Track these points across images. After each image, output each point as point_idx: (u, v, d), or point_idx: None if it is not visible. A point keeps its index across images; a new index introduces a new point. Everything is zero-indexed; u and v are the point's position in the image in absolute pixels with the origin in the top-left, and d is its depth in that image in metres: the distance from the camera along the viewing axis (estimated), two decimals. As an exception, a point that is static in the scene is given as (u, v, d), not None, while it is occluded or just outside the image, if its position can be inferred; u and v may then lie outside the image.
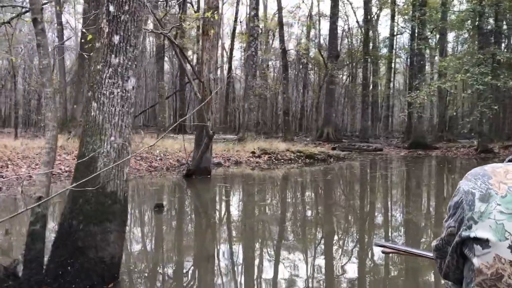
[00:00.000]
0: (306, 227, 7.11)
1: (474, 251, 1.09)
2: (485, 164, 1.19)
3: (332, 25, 31.43)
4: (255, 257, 5.27)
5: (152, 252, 5.46)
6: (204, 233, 6.46)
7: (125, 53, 3.74)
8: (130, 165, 12.86)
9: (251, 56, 21.60)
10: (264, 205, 9.05)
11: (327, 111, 31.92)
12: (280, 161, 16.59)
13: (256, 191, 10.82)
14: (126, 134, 3.84)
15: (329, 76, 30.95)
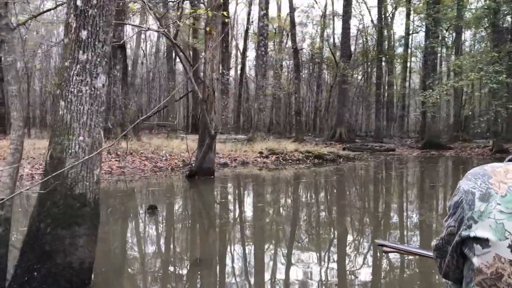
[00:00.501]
0: (304, 229, 6.91)
1: (474, 250, 1.09)
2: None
3: (345, 24, 31.10)
4: (249, 264, 5.08)
5: (133, 257, 5.29)
6: (193, 237, 6.27)
7: (93, 49, 3.58)
8: (135, 165, 12.85)
9: (260, 55, 21.42)
10: (262, 207, 8.85)
11: (339, 111, 31.58)
12: (288, 162, 16.36)
13: (257, 192, 10.64)
14: (95, 134, 3.68)
15: (342, 76, 30.62)
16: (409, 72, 45.34)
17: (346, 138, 30.45)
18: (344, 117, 31.68)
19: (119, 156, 13.62)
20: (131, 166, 12.98)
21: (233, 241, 6.02)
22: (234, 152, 16.47)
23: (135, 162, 13.37)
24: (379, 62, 35.03)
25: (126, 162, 13.21)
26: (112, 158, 13.42)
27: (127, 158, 13.60)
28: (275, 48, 43.31)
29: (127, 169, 12.72)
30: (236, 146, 17.81)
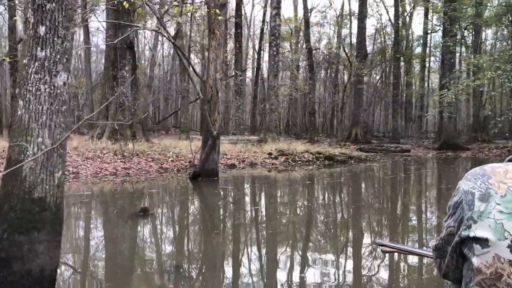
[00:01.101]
0: (302, 234, 6.66)
1: (474, 250, 1.09)
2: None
3: (360, 24, 30.69)
4: (240, 273, 4.87)
5: (112, 262, 5.10)
6: (180, 243, 6.05)
7: (52, 46, 3.40)
8: (141, 166, 12.73)
9: (272, 55, 21.18)
10: (259, 211, 8.63)
11: (355, 112, 31.16)
12: (297, 163, 16.09)
13: (259, 195, 10.41)
14: (56, 135, 3.50)
15: (357, 76, 30.20)
16: (428, 72, 44.60)
17: (362, 139, 30.03)
18: (359, 117, 31.25)
19: (125, 157, 13.53)
20: (137, 167, 12.87)
21: (220, 249, 5.81)
22: (243, 153, 16.26)
23: (141, 163, 13.26)
24: (396, 62, 34.48)
25: (132, 163, 13.10)
26: (118, 159, 13.34)
27: (133, 159, 13.50)
28: (291, 49, 43.04)
29: (132, 170, 12.61)
30: (246, 147, 17.60)
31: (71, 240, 5.94)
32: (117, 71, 16.63)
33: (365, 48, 31.46)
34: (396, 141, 31.72)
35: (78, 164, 12.32)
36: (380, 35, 43.03)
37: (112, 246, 5.69)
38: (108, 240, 6.00)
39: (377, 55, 39.70)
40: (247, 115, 45.58)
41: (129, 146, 14.48)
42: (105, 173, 12.00)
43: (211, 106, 11.32)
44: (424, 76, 41.41)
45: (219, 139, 11.49)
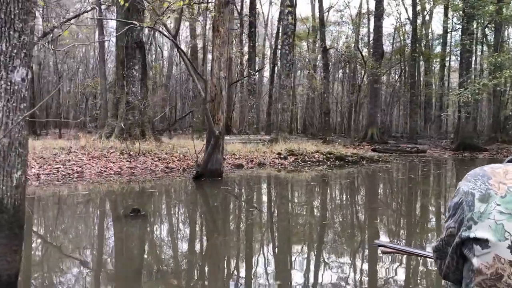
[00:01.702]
0: (298, 235, 6.43)
1: (474, 251, 1.09)
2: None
3: (377, 22, 30.24)
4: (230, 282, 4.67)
5: (88, 266, 4.92)
6: (167, 246, 5.86)
7: (8, 39, 3.24)
8: (146, 166, 12.62)
9: (284, 54, 20.91)
10: (258, 215, 8.41)
11: (371, 111, 30.70)
12: (306, 163, 15.82)
13: (261, 196, 10.19)
14: (14, 133, 3.34)
15: (373, 75, 29.74)
16: (448, 71, 43.79)
17: (378, 139, 29.58)
18: (376, 117, 30.79)
19: (131, 157, 13.44)
20: (142, 167, 12.77)
21: (207, 254, 5.61)
22: (252, 153, 16.04)
23: (147, 163, 13.15)
24: (413, 61, 33.88)
25: (137, 163, 13.01)
26: (123, 158, 13.25)
27: (139, 158, 13.40)
28: (308, 48, 42.71)
29: (137, 169, 12.51)
30: (256, 147, 17.37)
31: (47, 243, 5.81)
32: (126, 70, 16.57)
33: (382, 47, 30.96)
34: (414, 142, 31.16)
35: (83, 164, 12.27)
36: (399, 34, 42.40)
37: (91, 250, 5.53)
38: (88, 243, 5.85)
39: (395, 54, 39.07)
40: (264, 115, 45.38)
41: (136, 145, 14.39)
42: (109, 173, 11.92)
43: (214, 105, 11.14)
44: (443, 75, 40.65)
45: (222, 138, 11.30)
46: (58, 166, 11.68)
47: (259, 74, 46.09)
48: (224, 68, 11.14)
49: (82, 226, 6.70)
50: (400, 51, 39.96)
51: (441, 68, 40.95)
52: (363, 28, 41.15)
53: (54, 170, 11.41)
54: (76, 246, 5.58)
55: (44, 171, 11.21)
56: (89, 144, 14.46)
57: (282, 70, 21.33)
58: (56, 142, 15.06)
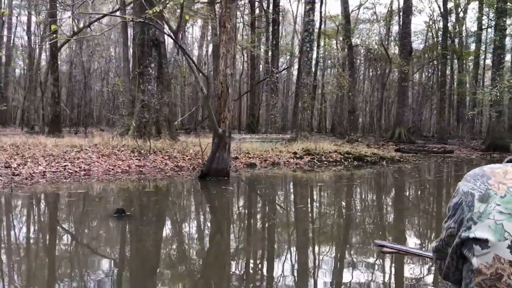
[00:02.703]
0: (290, 238, 6.10)
1: (474, 251, 1.09)
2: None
3: (405, 19, 29.47)
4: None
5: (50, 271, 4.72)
6: (147, 250, 5.60)
7: None
8: (156, 164, 12.48)
9: (305, 52, 20.51)
10: (252, 215, 8.10)
11: (398, 110, 29.98)
12: (323, 163, 15.41)
13: (265, 198, 9.87)
14: None
15: (401, 73, 29.00)
16: (483, 70, 42.38)
17: (406, 139, 28.85)
18: (403, 116, 30.05)
19: (142, 155, 13.35)
20: (151, 165, 12.64)
21: (184, 258, 5.35)
22: (267, 152, 15.73)
23: (156, 161, 13.02)
24: (443, 59, 32.88)
25: (147, 161, 12.89)
26: (133, 156, 13.17)
27: (149, 157, 13.29)
28: (337, 46, 42.06)
29: (146, 168, 12.38)
30: (272, 146, 17.04)
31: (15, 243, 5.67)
32: (142, 68, 16.53)
33: (410, 45, 30.14)
34: (443, 142, 30.27)
35: (91, 161, 12.23)
36: (432, 31, 41.27)
37: (62, 252, 5.36)
38: (61, 244, 5.68)
39: (426, 52, 38.02)
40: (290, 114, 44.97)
41: (148, 144, 14.32)
42: (117, 171, 11.83)
43: (221, 102, 10.90)
44: (477, 74, 39.31)
45: (228, 137, 11.03)
46: (65, 164, 11.66)
47: (288, 72, 45.71)
48: (231, 65, 10.87)
49: (63, 225, 6.55)
50: (432, 48, 38.90)
51: (474, 66, 39.64)
52: (394, 26, 40.30)
53: (61, 167, 11.40)
54: (47, 247, 5.42)
55: (51, 169, 11.20)
56: (103, 142, 14.46)
57: (302, 67, 20.93)
58: (69, 139, 15.13)
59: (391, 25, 40.26)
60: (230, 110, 11.00)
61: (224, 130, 10.60)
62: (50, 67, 24.99)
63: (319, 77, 46.91)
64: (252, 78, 34.48)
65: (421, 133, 40.61)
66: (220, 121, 10.90)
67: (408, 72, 29.31)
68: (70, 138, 16.86)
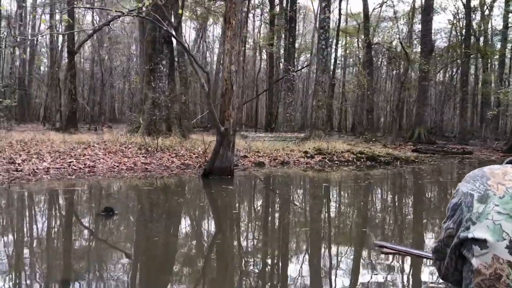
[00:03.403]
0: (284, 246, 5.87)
1: (473, 251, 1.10)
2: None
3: (426, 17, 28.81)
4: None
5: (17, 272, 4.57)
6: (128, 251, 5.44)
7: None
8: (162, 162, 12.36)
9: (320, 49, 20.16)
10: (247, 216, 7.88)
11: (418, 110, 29.36)
12: (334, 163, 15.09)
13: (263, 198, 9.65)
14: None
15: (421, 72, 28.38)
16: (510, 68, 41.25)
17: (426, 139, 28.23)
18: (423, 116, 29.42)
19: (149, 152, 13.25)
20: (157, 163, 12.53)
21: (159, 259, 5.16)
22: (277, 151, 15.49)
23: (163, 159, 12.90)
24: (466, 58, 32.08)
25: (153, 159, 12.79)
26: (140, 154, 13.08)
27: (156, 154, 13.19)
28: (358, 45, 41.49)
29: (152, 165, 12.27)
30: (284, 145, 16.78)
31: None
32: (154, 65, 16.45)
33: (431, 43, 29.47)
34: (465, 143, 29.55)
35: (97, 158, 12.17)
36: (456, 29, 40.37)
37: (36, 250, 5.23)
38: (40, 243, 5.55)
39: (447, 50, 37.19)
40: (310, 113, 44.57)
41: (155, 141, 14.24)
42: (121, 168, 11.75)
43: (225, 100, 10.71)
44: (503, 73, 38.28)
45: (233, 135, 10.82)
46: (70, 161, 11.63)
47: (308, 71, 45.28)
48: (236, 62, 10.66)
49: (48, 223, 6.43)
50: (454, 47, 38.03)
51: (500, 65, 38.61)
52: (417, 25, 39.47)
53: (65, 164, 11.36)
54: (24, 244, 5.30)
55: (55, 165, 11.17)
56: (112, 139, 14.43)
57: (318, 65, 20.59)
58: (78, 136, 15.14)
59: (414, 23, 39.54)
60: (234, 107, 10.80)
61: (227, 128, 10.40)
62: (66, 64, 25.18)
63: (339, 76, 46.45)
64: (270, 77, 34.22)
65: (443, 134, 39.79)
66: (224, 119, 10.72)
67: (429, 71, 28.64)
68: (81, 135, 16.85)
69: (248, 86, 40.65)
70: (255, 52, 42.17)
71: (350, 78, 43.69)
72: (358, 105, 43.08)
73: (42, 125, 31.80)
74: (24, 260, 4.68)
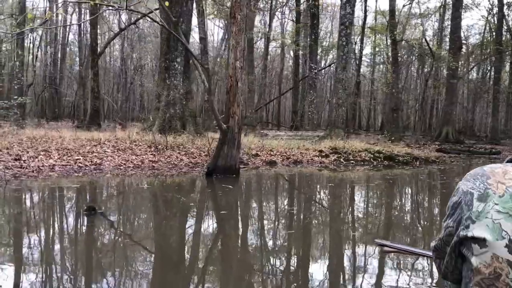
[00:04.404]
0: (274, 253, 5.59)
1: (472, 250, 1.09)
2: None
3: (455, 13, 27.88)
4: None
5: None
6: (108, 252, 5.24)
7: None
8: (170, 160, 12.21)
9: (341, 46, 19.69)
10: (239, 219, 7.60)
11: (446, 109, 28.47)
12: (349, 162, 14.66)
13: (264, 199, 9.35)
14: None
15: (449, 70, 27.50)
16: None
17: (454, 139, 27.35)
18: (452, 115, 28.47)
19: (158, 150, 13.13)
20: (165, 161, 12.39)
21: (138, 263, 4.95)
22: (291, 150, 15.15)
23: (172, 157, 12.75)
24: (498, 55, 30.94)
25: (162, 157, 12.66)
26: (149, 151, 12.97)
27: (166, 152, 13.06)
28: (387, 43, 40.63)
29: (160, 163, 12.14)
30: (300, 144, 16.40)
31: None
32: (169, 62, 16.35)
33: (460, 40, 28.55)
34: (496, 142, 28.55)
35: (105, 156, 12.12)
36: (490, 25, 39.04)
37: (14, 247, 5.09)
38: (17, 240, 5.41)
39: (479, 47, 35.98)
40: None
41: (170, 139, 14.13)
42: (128, 166, 11.65)
43: (230, 97, 10.46)
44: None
45: (237, 133, 10.57)
46: (77, 158, 11.59)
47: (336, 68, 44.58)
48: (241, 58, 10.40)
49: (26, 221, 6.31)
50: (487, 44, 36.79)
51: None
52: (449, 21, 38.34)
53: (72, 161, 11.33)
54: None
55: (61, 162, 11.15)
56: (125, 137, 14.39)
57: (338, 62, 20.11)
58: (90, 133, 15.17)
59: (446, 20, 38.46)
60: (240, 104, 10.55)
61: (228, 126, 10.15)
62: (90, 62, 25.43)
63: (366, 73, 45.65)
64: (296, 75, 33.87)
65: (474, 133, 38.59)
66: (229, 116, 10.47)
67: (457, 68, 27.72)
68: (97, 132, 16.84)
69: (272, 84, 40.37)
70: (282, 50, 41.86)
71: (377, 76, 42.82)
72: (386, 104, 42.25)
73: (72, 122, 32.32)
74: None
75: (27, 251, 4.90)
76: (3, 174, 9.27)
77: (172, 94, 15.64)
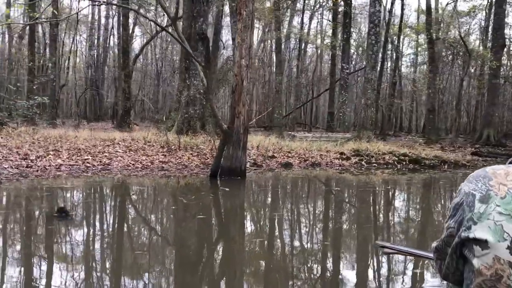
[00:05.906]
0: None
1: (474, 252, 1.09)
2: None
3: (498, 10, 26.47)
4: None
5: None
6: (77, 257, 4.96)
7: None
8: (181, 161, 11.98)
9: (370, 45, 18.94)
10: (230, 228, 7.20)
11: (488, 110, 27.00)
12: (372, 165, 13.99)
13: (257, 202, 8.91)
14: None
15: (491, 69, 26.11)
16: None
17: (495, 142, 25.95)
18: (493, 117, 27.00)
19: (171, 151, 12.92)
20: (175, 162, 12.15)
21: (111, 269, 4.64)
22: (311, 151, 14.60)
23: (183, 158, 12.50)
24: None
25: (173, 157, 12.43)
26: (161, 152, 12.77)
27: (177, 153, 12.83)
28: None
29: (170, 164, 11.91)
30: (323, 145, 15.79)
31: None
32: (189, 62, 16.15)
33: (503, 38, 27.04)
34: (542, 146, 26.88)
35: (115, 156, 11.99)
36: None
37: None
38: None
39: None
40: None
41: (187, 139, 13.94)
42: (137, 166, 11.47)
43: (235, 96, 10.09)
44: None
45: (243, 134, 10.16)
46: (86, 158, 11.52)
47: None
48: (246, 56, 10.01)
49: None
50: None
51: None
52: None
53: (80, 161, 11.26)
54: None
55: (69, 162, 11.09)
56: (140, 137, 14.27)
57: (367, 62, 19.37)
58: (107, 134, 15.14)
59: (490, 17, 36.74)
60: (245, 104, 10.16)
61: (230, 126, 9.78)
62: (121, 63, 25.68)
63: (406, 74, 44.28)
64: (332, 75, 33.17)
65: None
66: (234, 116, 10.11)
67: (499, 68, 26.34)
68: (118, 132, 16.81)
69: (308, 85, 39.80)
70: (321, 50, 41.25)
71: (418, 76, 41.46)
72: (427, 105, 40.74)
73: (112, 123, 32.84)
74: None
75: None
76: (7, 173, 9.26)
77: (191, 94, 15.40)
